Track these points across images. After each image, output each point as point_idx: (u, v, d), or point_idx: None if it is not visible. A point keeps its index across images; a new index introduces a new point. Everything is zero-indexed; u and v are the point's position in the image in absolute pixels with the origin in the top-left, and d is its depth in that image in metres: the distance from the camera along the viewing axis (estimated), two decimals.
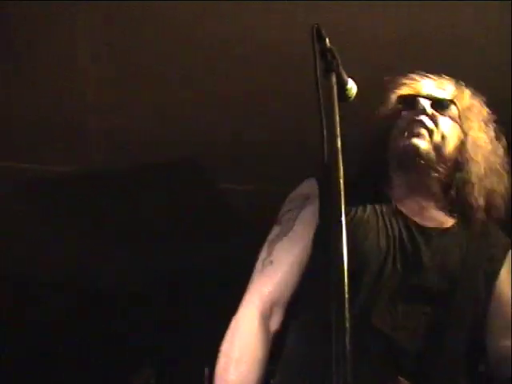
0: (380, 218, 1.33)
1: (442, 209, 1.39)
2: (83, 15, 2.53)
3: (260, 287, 1.30)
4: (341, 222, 0.76)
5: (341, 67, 1.05)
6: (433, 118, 1.37)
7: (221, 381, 1.21)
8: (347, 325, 0.64)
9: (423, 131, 1.34)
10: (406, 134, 1.35)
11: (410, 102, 1.40)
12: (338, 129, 0.92)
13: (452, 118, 1.40)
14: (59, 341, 5.08)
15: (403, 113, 1.41)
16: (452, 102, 1.41)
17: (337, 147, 0.87)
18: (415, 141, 1.33)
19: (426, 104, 1.36)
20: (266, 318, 1.27)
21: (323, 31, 1.08)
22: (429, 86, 1.43)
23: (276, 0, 2.46)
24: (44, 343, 5.00)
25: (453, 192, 1.37)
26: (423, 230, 1.33)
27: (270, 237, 1.35)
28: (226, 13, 2.52)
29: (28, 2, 2.42)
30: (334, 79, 1.00)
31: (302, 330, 1.33)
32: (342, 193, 0.81)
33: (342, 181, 0.82)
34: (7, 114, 3.11)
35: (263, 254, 1.34)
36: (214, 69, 2.90)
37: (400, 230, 1.30)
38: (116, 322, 5.32)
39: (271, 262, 1.31)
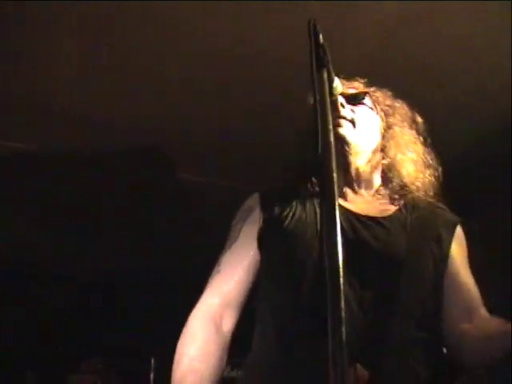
0: (318, 214, 1.36)
1: (383, 198, 1.45)
2: None
3: (209, 293, 1.38)
4: (335, 211, 0.76)
5: (330, 64, 1.06)
6: (351, 110, 1.46)
7: (173, 377, 1.25)
8: (343, 315, 0.64)
9: (344, 122, 1.42)
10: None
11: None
12: (331, 123, 0.92)
13: (369, 107, 1.51)
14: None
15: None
16: (364, 93, 1.51)
17: (329, 141, 0.88)
18: (339, 130, 1.41)
19: (342, 100, 1.44)
20: (217, 316, 1.33)
21: (318, 27, 1.08)
22: (341, 85, 1.48)
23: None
24: None
25: (389, 178, 1.46)
26: (364, 219, 1.36)
27: (222, 250, 1.46)
28: None
29: None
30: (325, 75, 1.01)
31: (264, 328, 1.37)
32: (336, 185, 0.80)
33: (335, 174, 0.82)
34: None
35: (215, 266, 1.44)
36: (187, 57, 2.87)
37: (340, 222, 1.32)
38: (67, 308, 5.36)
39: (218, 272, 1.41)
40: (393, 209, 1.42)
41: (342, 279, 0.70)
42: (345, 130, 1.42)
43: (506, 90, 2.78)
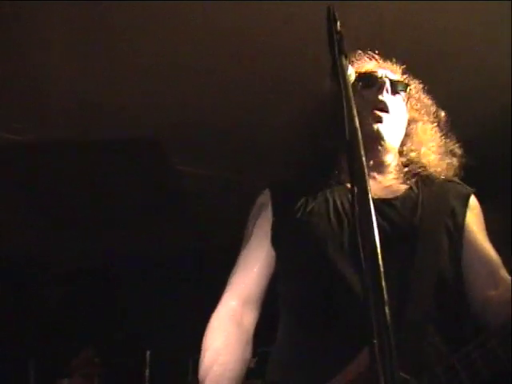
0: (331, 203, 1.37)
1: (395, 178, 1.44)
2: None
3: (227, 293, 1.41)
4: (368, 197, 0.74)
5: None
6: (391, 99, 1.42)
7: (199, 371, 1.29)
8: (385, 297, 0.63)
9: (385, 115, 1.39)
10: (369, 118, 1.39)
11: (369, 80, 1.43)
12: (355, 108, 0.91)
13: (403, 99, 1.48)
14: None
15: (363, 92, 1.42)
16: (406, 84, 1.48)
17: (356, 126, 0.86)
18: (379, 127, 1.38)
19: (385, 84, 1.41)
20: (237, 315, 1.37)
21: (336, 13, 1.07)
22: (384, 67, 1.48)
23: None
24: None
25: (405, 159, 1.46)
26: (377, 201, 1.32)
27: (240, 250, 1.48)
28: None
29: None
30: (345, 61, 0.99)
31: (286, 320, 1.39)
32: (366, 169, 0.79)
33: (364, 158, 0.80)
34: None
35: (234, 266, 1.46)
36: (183, 47, 2.86)
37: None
38: (59, 303, 5.32)
39: (236, 272, 1.43)
40: (404, 188, 1.42)
41: (380, 261, 0.67)
42: (383, 126, 1.38)
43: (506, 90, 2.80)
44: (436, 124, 1.50)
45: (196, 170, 3.93)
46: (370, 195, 0.75)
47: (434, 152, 1.46)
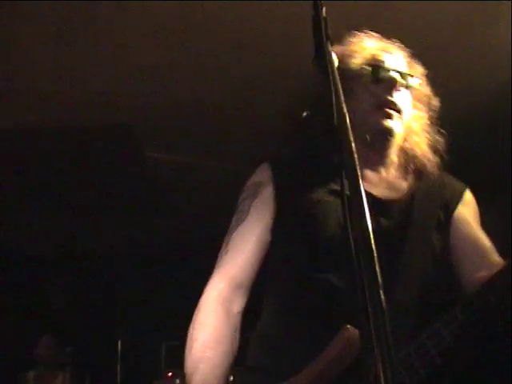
0: (336, 194, 1.33)
1: (397, 174, 1.44)
2: None
3: (218, 275, 1.35)
4: (358, 184, 0.73)
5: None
6: (401, 97, 1.39)
7: (186, 363, 1.24)
8: (381, 292, 0.63)
9: (395, 113, 1.37)
10: (379, 113, 1.37)
11: (377, 73, 1.39)
12: (342, 95, 0.90)
13: (410, 92, 1.44)
14: None
15: (373, 86, 1.39)
16: (415, 78, 1.44)
17: (344, 112, 0.85)
18: (389, 123, 1.36)
19: (396, 83, 1.37)
20: (226, 301, 1.31)
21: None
22: (394, 57, 1.43)
23: None
24: None
25: (404, 154, 1.44)
26: (380, 201, 1.34)
27: (230, 227, 1.40)
28: None
29: None
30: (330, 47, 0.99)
31: (275, 305, 1.37)
32: (356, 156, 0.78)
33: (353, 144, 0.80)
34: None
35: (223, 245, 1.39)
36: (158, 35, 2.85)
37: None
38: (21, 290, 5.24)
39: (227, 252, 1.36)
40: (405, 185, 1.42)
41: (375, 254, 0.68)
42: (393, 122, 1.37)
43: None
44: (430, 116, 1.48)
45: (172, 157, 3.90)
46: (360, 181, 0.74)
47: (430, 147, 1.44)
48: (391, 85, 1.36)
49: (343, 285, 1.23)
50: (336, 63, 1.16)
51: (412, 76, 1.42)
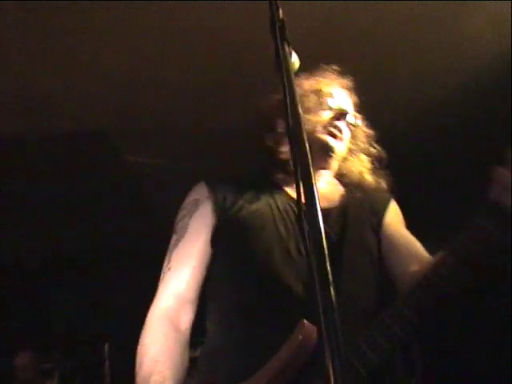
0: (275, 208, 1.41)
1: (330, 187, 1.55)
2: None
3: (163, 292, 1.36)
4: (311, 181, 0.76)
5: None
6: (345, 128, 1.54)
7: (137, 379, 1.24)
8: (334, 299, 0.66)
9: (340, 135, 1.51)
10: (325, 132, 1.50)
11: (331, 103, 1.54)
12: (297, 96, 0.92)
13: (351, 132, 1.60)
14: None
15: (320, 111, 1.52)
16: (357, 123, 1.59)
17: (299, 113, 0.87)
18: (334, 142, 1.50)
19: (346, 116, 1.52)
20: (174, 317, 1.32)
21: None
22: (341, 93, 1.58)
23: None
24: None
25: (341, 170, 1.58)
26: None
27: (170, 246, 1.43)
28: None
29: None
30: (287, 49, 1.01)
31: (219, 315, 1.39)
32: (310, 157, 0.81)
33: (307, 144, 0.82)
34: None
35: (165, 263, 1.41)
36: (133, 39, 2.87)
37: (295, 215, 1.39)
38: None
39: (169, 269, 1.37)
40: (335, 195, 1.52)
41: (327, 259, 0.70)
42: (337, 142, 1.50)
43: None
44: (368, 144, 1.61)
45: (147, 160, 3.91)
46: (314, 181, 0.77)
47: (365, 165, 1.58)
48: (341, 114, 1.51)
49: (284, 286, 1.28)
50: (297, 65, 1.21)
51: (357, 118, 1.58)
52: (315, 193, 0.76)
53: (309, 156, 0.79)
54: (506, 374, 3.23)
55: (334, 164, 1.55)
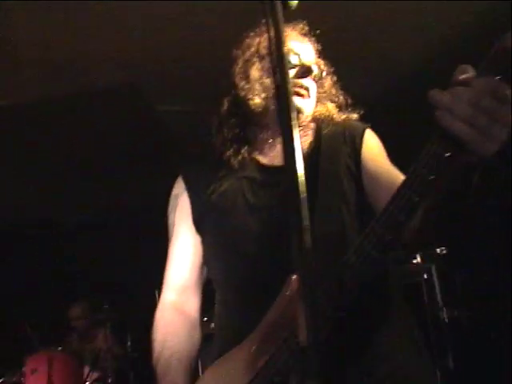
0: (244, 181, 1.43)
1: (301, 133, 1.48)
2: None
3: (165, 290, 1.48)
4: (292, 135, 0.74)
5: None
6: (310, 83, 1.48)
7: (153, 363, 1.38)
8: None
9: (306, 93, 1.46)
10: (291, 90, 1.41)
11: (291, 58, 1.47)
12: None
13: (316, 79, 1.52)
14: None
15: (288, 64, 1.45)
16: (321, 72, 1.53)
17: (286, 71, 0.84)
18: (300, 100, 1.44)
19: (310, 67, 1.46)
20: (177, 307, 1.44)
21: None
22: (301, 46, 1.51)
23: None
24: None
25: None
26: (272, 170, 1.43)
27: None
28: None
29: None
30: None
31: (217, 294, 1.46)
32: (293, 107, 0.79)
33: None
34: None
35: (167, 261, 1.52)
36: None
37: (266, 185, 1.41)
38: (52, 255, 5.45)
39: (168, 265, 1.49)
40: (308, 141, 1.48)
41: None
42: (303, 101, 1.45)
43: None
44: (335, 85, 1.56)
45: (178, 108, 3.90)
46: (296, 134, 0.74)
47: (334, 112, 1.52)
48: (305, 71, 1.45)
49: (264, 254, 1.31)
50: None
51: (320, 66, 1.52)
52: (296, 156, 0.74)
53: (294, 119, 0.76)
54: None
55: (303, 120, 1.48)
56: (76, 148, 4.12)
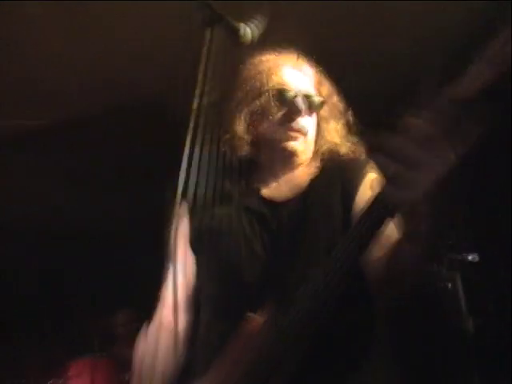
0: (243, 210, 1.44)
1: (303, 170, 1.48)
2: None
3: (159, 308, 1.47)
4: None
5: (228, 18, 1.07)
6: (306, 120, 1.44)
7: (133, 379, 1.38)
8: None
9: (300, 135, 1.42)
10: (283, 135, 1.42)
11: (282, 97, 1.42)
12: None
13: (317, 113, 1.48)
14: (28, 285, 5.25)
15: (274, 110, 1.43)
16: (322, 102, 1.47)
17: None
18: (293, 144, 1.41)
19: (300, 103, 1.41)
20: (165, 322, 1.41)
21: None
22: (295, 76, 1.45)
23: None
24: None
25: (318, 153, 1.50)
26: (273, 203, 1.43)
27: None
28: None
29: None
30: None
31: (200, 310, 1.49)
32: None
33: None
34: None
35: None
36: None
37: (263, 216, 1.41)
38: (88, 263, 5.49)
39: (164, 286, 1.48)
40: (308, 180, 1.44)
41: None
42: (298, 144, 1.43)
43: None
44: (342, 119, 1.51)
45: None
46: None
47: (340, 135, 1.48)
48: (296, 111, 1.40)
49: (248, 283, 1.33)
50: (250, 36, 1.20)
51: (318, 100, 1.45)
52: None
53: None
54: None
55: (302, 163, 1.46)
56: (108, 165, 4.27)
